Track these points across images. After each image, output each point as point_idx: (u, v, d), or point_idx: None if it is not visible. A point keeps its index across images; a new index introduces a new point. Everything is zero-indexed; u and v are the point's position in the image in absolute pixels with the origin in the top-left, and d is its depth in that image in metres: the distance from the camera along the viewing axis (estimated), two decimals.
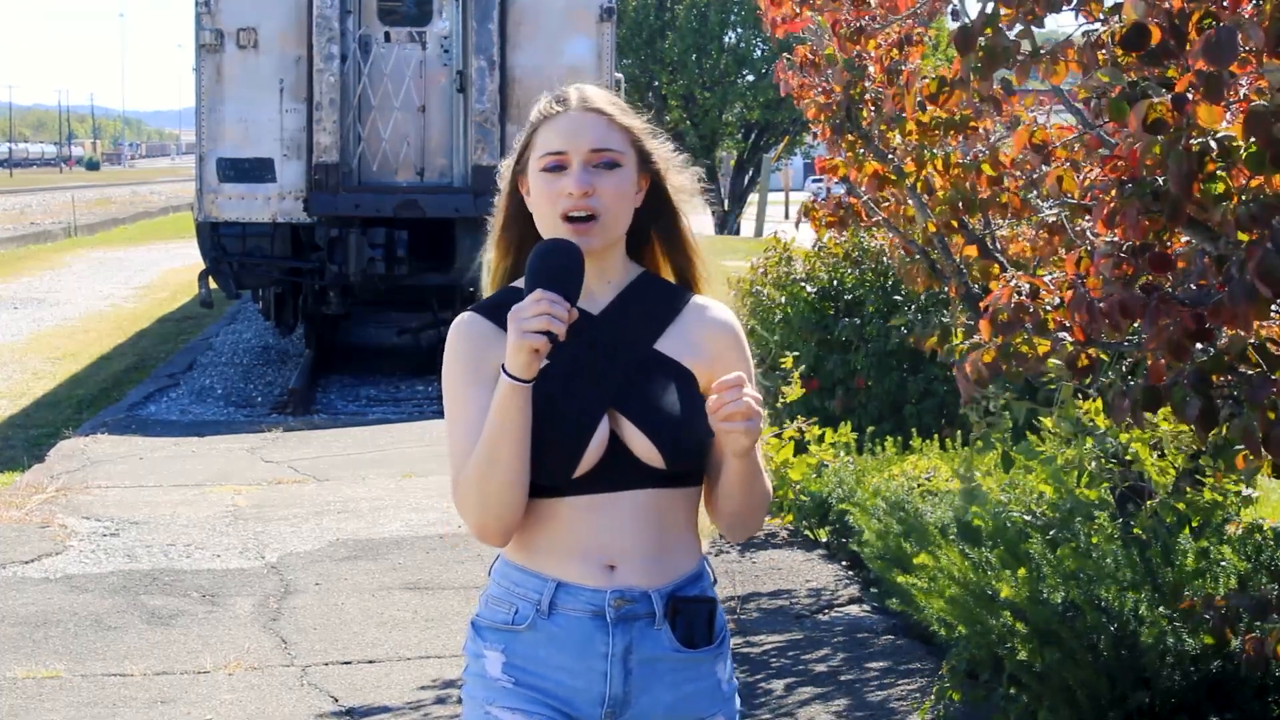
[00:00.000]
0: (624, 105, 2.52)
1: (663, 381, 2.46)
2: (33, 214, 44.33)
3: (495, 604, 2.49)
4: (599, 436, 2.40)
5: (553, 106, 2.48)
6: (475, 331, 2.49)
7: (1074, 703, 4.29)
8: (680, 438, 2.42)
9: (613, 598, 2.41)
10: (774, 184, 42.35)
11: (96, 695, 5.33)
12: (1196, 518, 4.98)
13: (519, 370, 2.31)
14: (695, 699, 2.47)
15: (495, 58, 13.14)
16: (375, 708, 5.21)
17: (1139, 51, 3.03)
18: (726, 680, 2.52)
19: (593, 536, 2.42)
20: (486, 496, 2.38)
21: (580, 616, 2.42)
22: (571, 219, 2.42)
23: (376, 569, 7.02)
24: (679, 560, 2.46)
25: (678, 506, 2.46)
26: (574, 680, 2.43)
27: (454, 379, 2.47)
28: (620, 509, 2.42)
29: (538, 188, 2.46)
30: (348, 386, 14.17)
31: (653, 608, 2.43)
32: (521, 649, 2.45)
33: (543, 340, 2.28)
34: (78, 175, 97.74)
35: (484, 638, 2.49)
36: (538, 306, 2.28)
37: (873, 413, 8.81)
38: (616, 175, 2.45)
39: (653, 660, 2.44)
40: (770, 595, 6.41)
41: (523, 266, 2.52)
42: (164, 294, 23.11)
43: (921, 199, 5.33)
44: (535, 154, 2.46)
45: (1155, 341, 3.20)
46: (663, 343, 2.49)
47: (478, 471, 2.37)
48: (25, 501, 8.52)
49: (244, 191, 13.23)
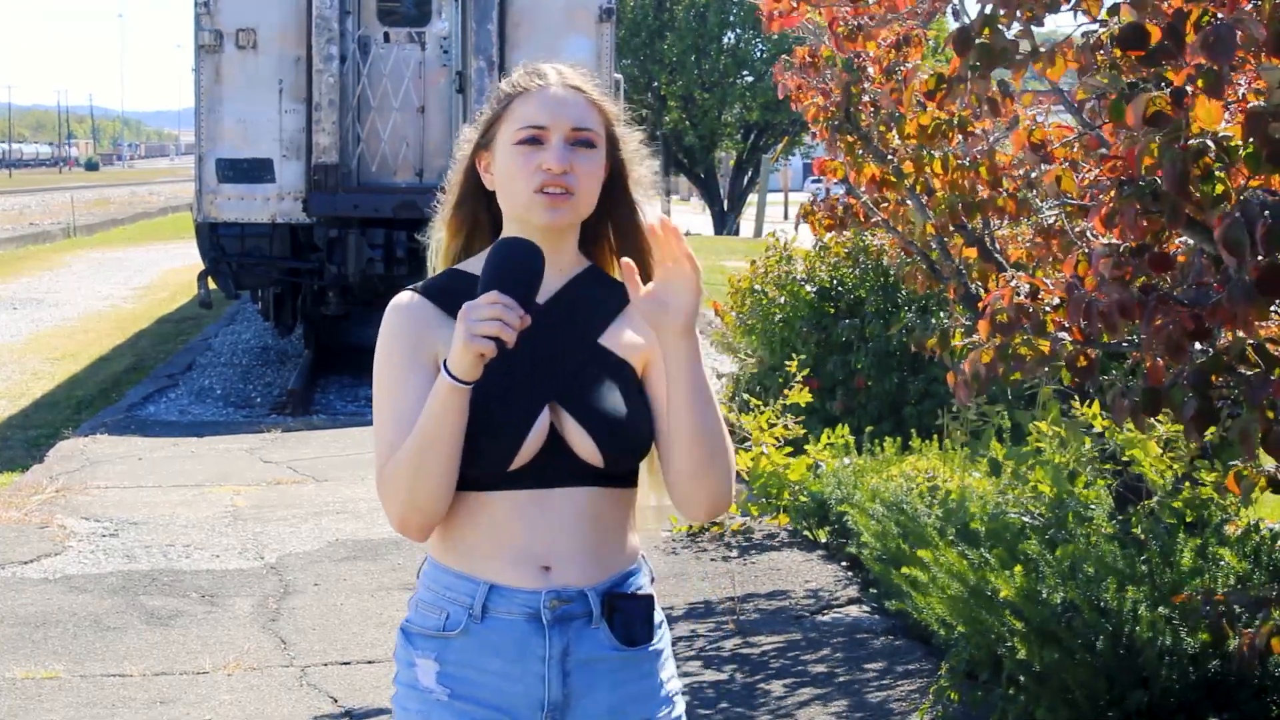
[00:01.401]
0: (599, 88, 2.44)
1: (606, 377, 2.37)
2: (32, 214, 44.32)
3: (425, 609, 2.40)
4: (537, 430, 2.31)
5: (532, 80, 2.39)
6: (416, 314, 2.39)
7: (1072, 703, 4.29)
8: (620, 435, 2.34)
9: (548, 599, 2.33)
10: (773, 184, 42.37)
11: (96, 696, 5.33)
12: (1191, 514, 4.99)
13: (462, 372, 2.21)
14: (638, 699, 2.39)
15: (495, 58, 13.13)
16: (374, 708, 5.21)
17: (1137, 52, 3.03)
18: (668, 679, 2.44)
19: (527, 536, 2.33)
20: (414, 493, 2.28)
21: (515, 619, 2.34)
22: (547, 192, 2.33)
23: (375, 569, 7.02)
24: (615, 558, 2.38)
25: (613, 506, 2.38)
26: (511, 685, 2.34)
27: (389, 361, 2.37)
28: (556, 506, 2.33)
29: (511, 161, 2.36)
30: (347, 387, 14.17)
31: (589, 607, 2.35)
32: (454, 656, 2.37)
33: (490, 345, 2.17)
34: (77, 176, 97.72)
35: (415, 645, 2.41)
36: (491, 310, 2.17)
37: (873, 413, 8.82)
38: (592, 156, 2.37)
39: (591, 661, 2.36)
40: (769, 596, 6.41)
41: (472, 247, 2.47)
42: (163, 294, 23.10)
43: (921, 200, 5.33)
44: (510, 126, 2.37)
45: (1154, 342, 3.21)
46: (606, 336, 2.41)
47: (408, 466, 2.27)
48: (24, 502, 8.51)
49: (243, 192, 13.23)
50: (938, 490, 6.37)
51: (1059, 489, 5.49)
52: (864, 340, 8.88)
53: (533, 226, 2.36)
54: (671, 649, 2.50)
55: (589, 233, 2.46)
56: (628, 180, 2.45)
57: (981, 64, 3.53)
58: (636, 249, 2.42)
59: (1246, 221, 2.82)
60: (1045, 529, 5.13)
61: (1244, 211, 2.83)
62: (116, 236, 38.16)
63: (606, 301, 2.43)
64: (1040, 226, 4.60)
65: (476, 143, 2.44)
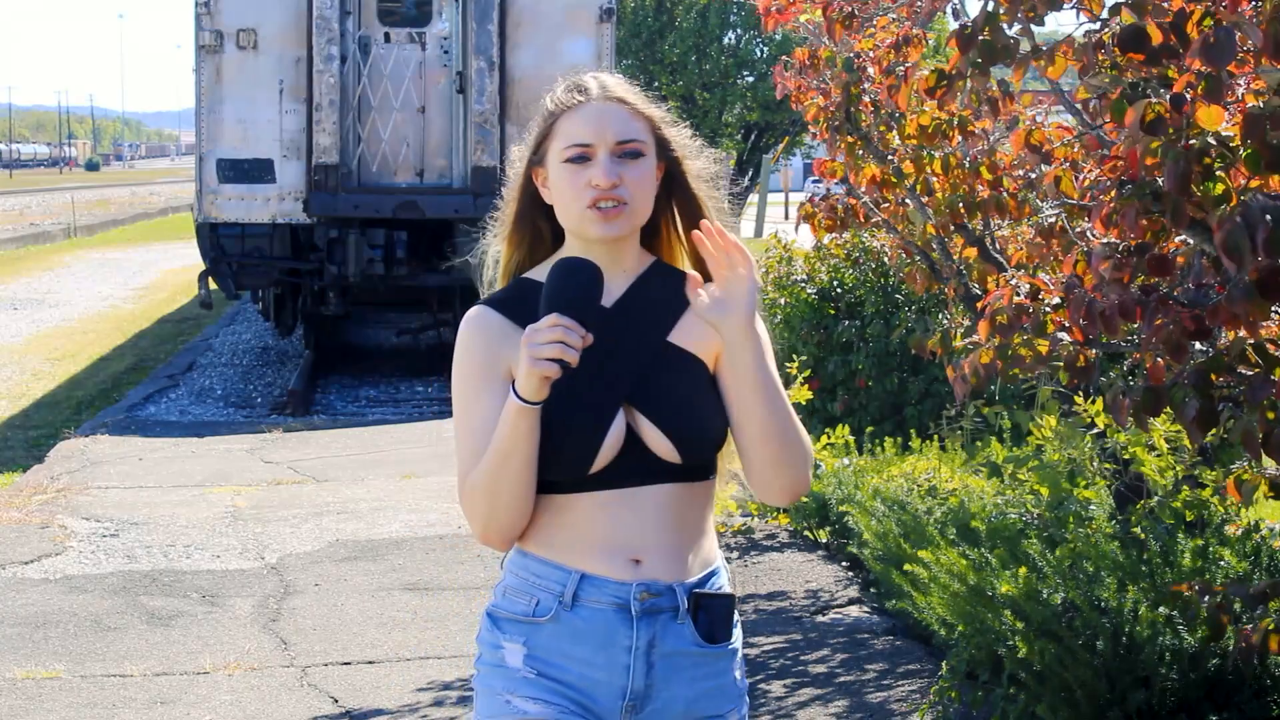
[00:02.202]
0: (643, 94, 2.49)
1: (676, 374, 2.42)
2: (32, 214, 44.33)
3: (514, 595, 2.45)
4: (614, 432, 2.37)
5: (574, 96, 2.43)
6: (488, 327, 2.45)
7: (1073, 702, 4.29)
8: (696, 432, 2.40)
9: (638, 590, 2.39)
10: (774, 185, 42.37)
11: (96, 696, 5.33)
12: (1191, 514, 4.99)
13: (529, 394, 2.29)
14: (712, 695, 2.46)
15: (495, 58, 13.14)
16: (375, 709, 5.21)
17: (1138, 54, 3.03)
18: (740, 679, 2.51)
19: (615, 531, 2.39)
20: (494, 507, 2.37)
21: (604, 609, 2.40)
22: (599, 207, 2.38)
23: (376, 570, 7.02)
24: (700, 555, 2.44)
25: (694, 502, 2.43)
26: (596, 673, 2.41)
27: (465, 377, 2.44)
28: (640, 504, 2.39)
29: (562, 178, 2.41)
30: (347, 387, 14.17)
31: (677, 602, 2.41)
32: (543, 641, 2.42)
33: (554, 368, 2.25)
34: (77, 176, 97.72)
35: (502, 629, 2.46)
36: (552, 334, 2.25)
37: (873, 413, 8.82)
38: (640, 164, 2.41)
39: (674, 655, 2.42)
40: (769, 596, 6.41)
41: (535, 257, 2.51)
42: (163, 295, 23.11)
43: (921, 200, 5.33)
44: (557, 144, 2.42)
45: (1154, 342, 3.21)
46: (676, 333, 2.46)
47: (485, 481, 2.36)
48: (25, 502, 8.52)
49: (243, 192, 13.24)
50: (938, 490, 6.38)
51: (1057, 490, 5.49)
52: (864, 340, 8.88)
53: (590, 240, 2.42)
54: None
55: (651, 227, 2.51)
56: (686, 176, 2.50)
57: (982, 60, 3.53)
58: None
59: (1247, 226, 2.82)
60: (1045, 529, 5.13)
61: (1245, 216, 2.83)
62: (117, 237, 38.17)
63: (674, 298, 2.47)
64: (1040, 227, 4.60)
65: (529, 159, 2.48)
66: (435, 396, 13.22)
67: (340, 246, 13.24)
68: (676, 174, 2.49)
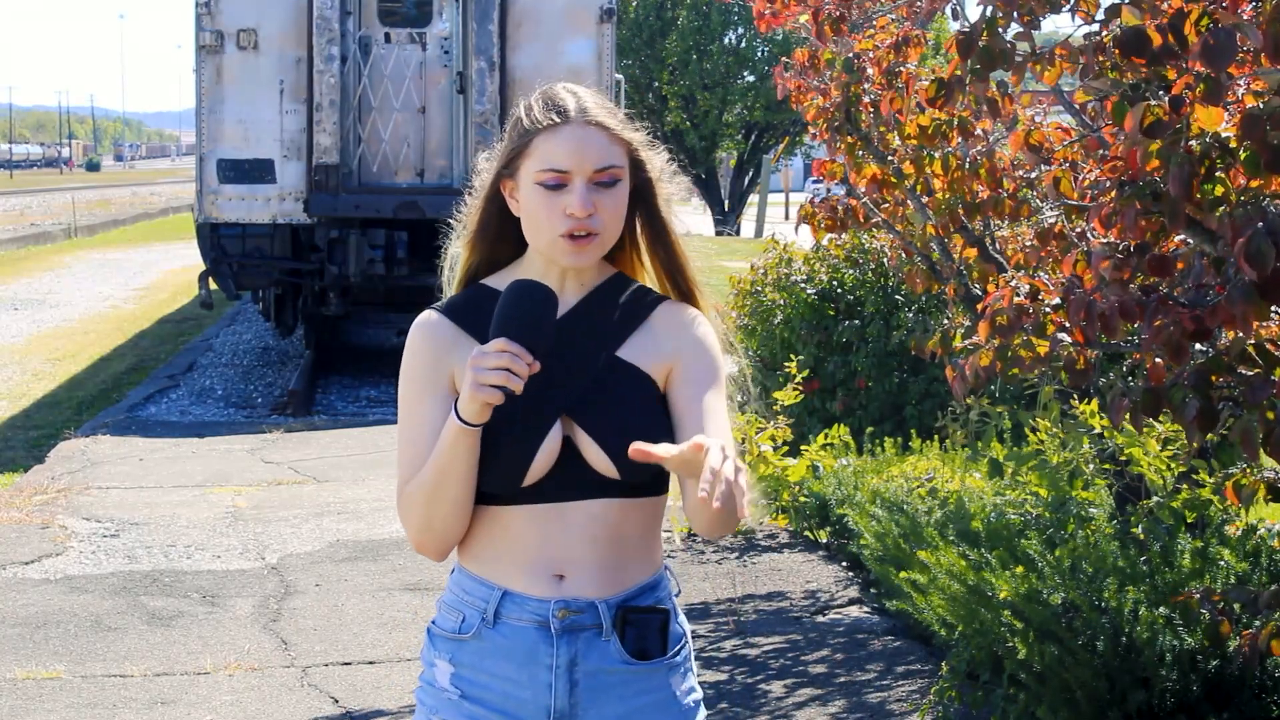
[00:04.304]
0: (621, 114, 2.43)
1: (622, 389, 2.36)
2: (33, 215, 44.33)
3: (446, 611, 2.43)
4: (549, 445, 2.32)
5: (550, 116, 2.35)
6: (436, 334, 2.42)
7: (1073, 703, 4.30)
8: None
9: (556, 608, 2.34)
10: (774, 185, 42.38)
11: (96, 696, 5.33)
12: (1191, 514, 4.99)
13: (470, 416, 2.25)
14: (648, 712, 2.38)
15: (495, 59, 13.14)
16: (375, 709, 5.22)
17: (1139, 58, 3.03)
18: (684, 693, 2.42)
19: (542, 546, 2.35)
20: (429, 519, 2.34)
21: (525, 626, 2.35)
22: (573, 236, 2.33)
23: (377, 570, 7.02)
24: (633, 570, 2.38)
25: (635, 516, 2.37)
26: (520, 691, 2.36)
27: (409, 384, 2.41)
28: (572, 519, 2.34)
29: (535, 200, 2.35)
30: (348, 388, 14.18)
31: (600, 619, 2.35)
32: (468, 659, 2.39)
33: (497, 394, 2.20)
34: (78, 176, 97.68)
35: (435, 646, 2.43)
36: (499, 360, 2.19)
37: (873, 413, 8.82)
38: (615, 191, 2.36)
39: (599, 672, 2.36)
40: (770, 597, 6.41)
41: (493, 264, 2.47)
42: (164, 295, 23.11)
43: (921, 201, 5.33)
44: (532, 164, 2.35)
45: (1154, 343, 3.21)
46: (626, 348, 2.40)
47: (422, 494, 2.33)
48: (25, 502, 8.52)
49: (244, 192, 13.24)
50: (938, 491, 6.38)
51: (1056, 491, 5.49)
52: (864, 341, 8.88)
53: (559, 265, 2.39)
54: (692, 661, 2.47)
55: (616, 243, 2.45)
56: (656, 200, 2.45)
57: (981, 67, 3.53)
58: (670, 266, 2.46)
59: (1270, 234, 2.82)
60: (1045, 529, 5.13)
61: (1266, 223, 2.83)
62: (117, 237, 38.17)
63: (628, 313, 2.43)
64: (1039, 229, 4.60)
65: (499, 171, 2.42)
66: None
67: (341, 247, 13.24)
68: (647, 196, 2.44)
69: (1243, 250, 2.85)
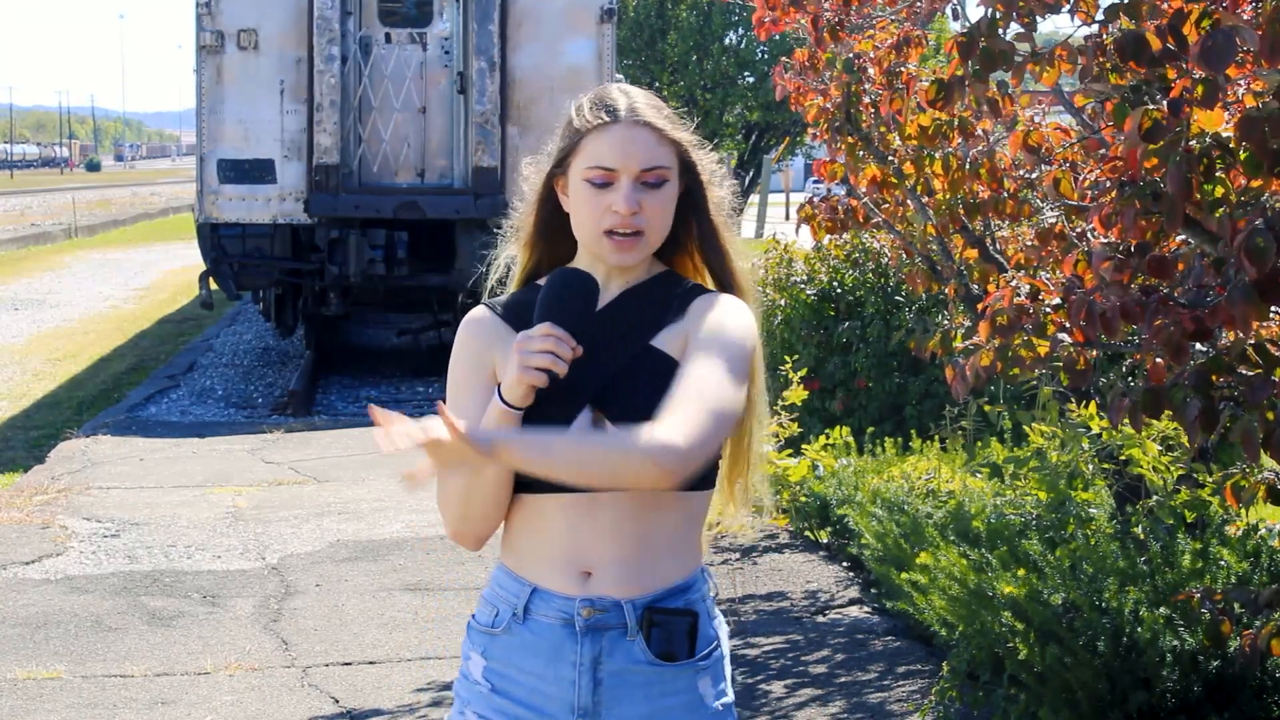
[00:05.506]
0: (672, 115, 2.43)
1: (652, 379, 2.34)
2: (33, 215, 44.34)
3: (484, 605, 2.46)
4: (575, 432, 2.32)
5: (600, 115, 2.37)
6: (481, 327, 2.45)
7: (1074, 703, 4.30)
8: None
9: (581, 606, 2.35)
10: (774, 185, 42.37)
11: (97, 696, 5.33)
12: (1191, 514, 4.99)
13: (515, 400, 2.28)
14: (675, 712, 2.38)
15: (495, 59, 13.14)
16: (375, 709, 5.22)
17: (1138, 62, 3.03)
18: (713, 696, 2.41)
19: (572, 541, 2.36)
20: (467, 508, 2.37)
21: (551, 623, 2.37)
22: (615, 234, 2.35)
23: (377, 570, 7.02)
24: (664, 570, 2.38)
25: (669, 513, 2.36)
26: (546, 687, 2.38)
27: (455, 376, 2.45)
28: (603, 513, 2.34)
29: (581, 196, 2.37)
30: (348, 388, 14.18)
31: (625, 619, 2.35)
32: (498, 653, 2.42)
33: (542, 377, 2.24)
34: (78, 176, 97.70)
35: (472, 639, 2.47)
36: (544, 343, 2.24)
37: (873, 414, 8.82)
38: (662, 192, 2.37)
39: (624, 672, 2.36)
40: (770, 597, 6.41)
41: (553, 263, 2.48)
42: (164, 295, 23.12)
43: (921, 201, 5.33)
44: (581, 161, 2.37)
45: (1155, 343, 3.21)
46: (660, 337, 2.39)
47: (463, 483, 2.34)
48: (26, 502, 8.52)
49: (244, 192, 13.25)
50: (938, 491, 6.38)
51: (1055, 491, 5.49)
52: (864, 341, 8.88)
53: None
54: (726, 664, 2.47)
55: (668, 240, 2.45)
56: (708, 202, 2.45)
57: (981, 68, 3.53)
58: (721, 266, 2.46)
59: (1270, 229, 2.82)
60: (1045, 529, 5.13)
61: (1266, 218, 2.83)
62: (118, 237, 38.18)
63: (666, 305, 2.42)
64: (1040, 230, 4.60)
65: (552, 170, 2.44)
66: (436, 397, 13.15)
67: (341, 247, 13.24)
68: (698, 198, 2.44)
69: (1242, 246, 2.85)
